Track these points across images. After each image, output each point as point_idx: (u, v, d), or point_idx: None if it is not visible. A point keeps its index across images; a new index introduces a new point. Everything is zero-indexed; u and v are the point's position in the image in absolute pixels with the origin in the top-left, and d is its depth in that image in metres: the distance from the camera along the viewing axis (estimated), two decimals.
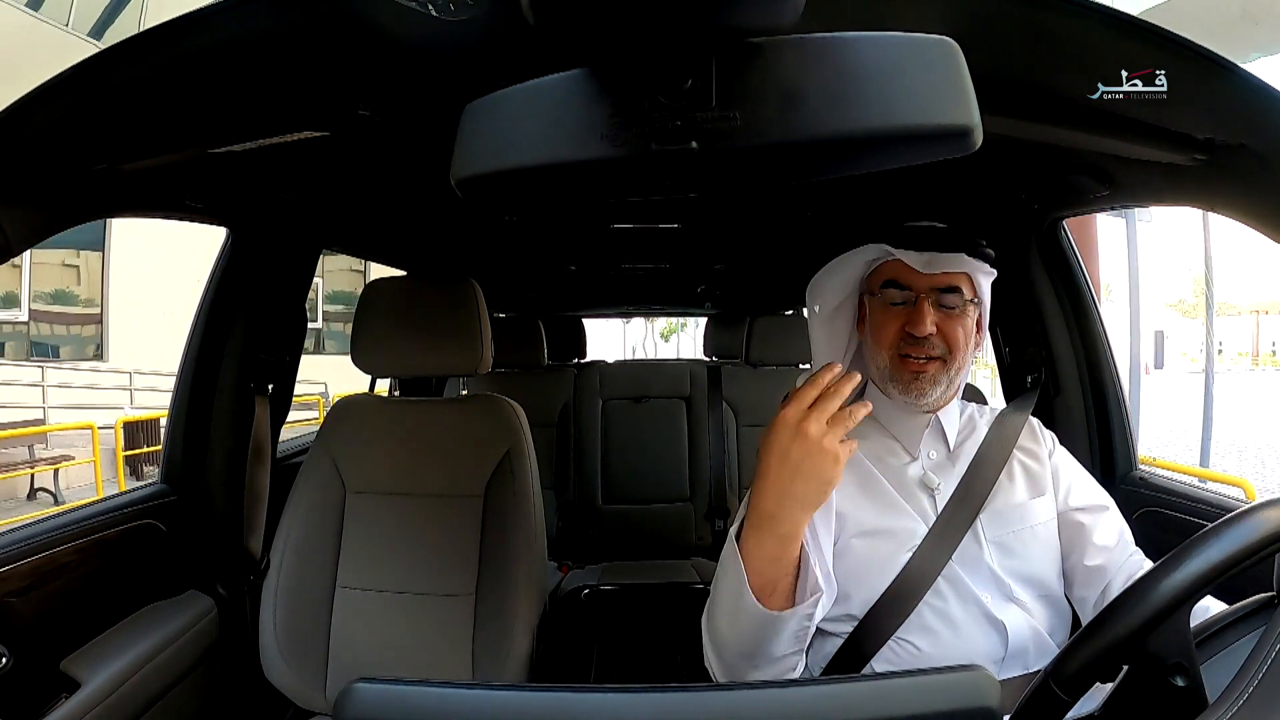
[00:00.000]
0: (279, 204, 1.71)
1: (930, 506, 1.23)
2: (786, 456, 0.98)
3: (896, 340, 1.22)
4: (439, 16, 0.77)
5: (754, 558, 1.01)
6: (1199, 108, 0.90)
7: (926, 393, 1.22)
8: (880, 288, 1.24)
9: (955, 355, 1.22)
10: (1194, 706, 0.70)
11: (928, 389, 1.22)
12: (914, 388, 1.22)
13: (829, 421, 0.97)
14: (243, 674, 1.71)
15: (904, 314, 1.22)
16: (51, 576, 1.37)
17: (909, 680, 0.66)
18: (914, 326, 1.19)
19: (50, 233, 1.11)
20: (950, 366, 1.22)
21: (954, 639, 1.15)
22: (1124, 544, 1.23)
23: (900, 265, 1.23)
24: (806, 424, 0.97)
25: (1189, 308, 44.89)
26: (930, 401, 1.24)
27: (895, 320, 1.22)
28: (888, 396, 1.26)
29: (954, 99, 0.61)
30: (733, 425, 3.46)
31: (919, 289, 1.22)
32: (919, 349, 1.21)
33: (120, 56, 0.87)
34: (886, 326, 1.23)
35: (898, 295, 1.23)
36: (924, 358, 1.21)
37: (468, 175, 0.69)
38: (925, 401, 1.23)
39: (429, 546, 1.75)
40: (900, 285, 1.23)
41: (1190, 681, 0.71)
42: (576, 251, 2.86)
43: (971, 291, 1.23)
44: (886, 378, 1.24)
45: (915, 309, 1.21)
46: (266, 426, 1.89)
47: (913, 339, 1.20)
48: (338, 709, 0.62)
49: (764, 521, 1.00)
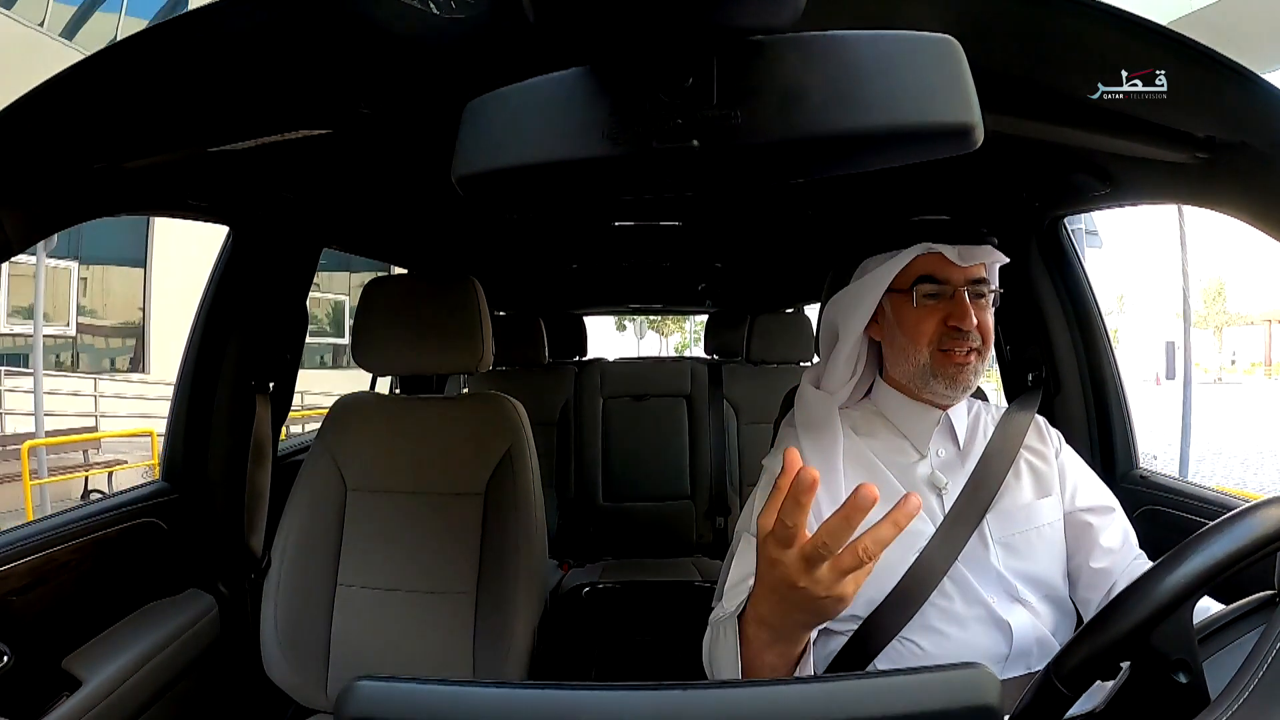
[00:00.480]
0: (280, 202, 1.71)
1: (938, 506, 1.22)
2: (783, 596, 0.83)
3: (937, 335, 1.22)
4: (440, 14, 0.77)
5: (754, 643, 0.93)
6: (1199, 106, 0.90)
7: (970, 383, 1.23)
8: (913, 284, 1.24)
9: (988, 344, 1.23)
10: (1196, 703, 0.70)
11: (971, 379, 1.23)
12: (960, 380, 1.22)
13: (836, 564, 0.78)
14: (244, 672, 1.71)
15: (942, 308, 1.22)
16: (53, 575, 1.37)
17: (910, 678, 0.66)
18: (960, 320, 1.20)
19: (50, 232, 1.11)
20: (985, 356, 1.24)
21: (958, 639, 1.15)
22: (1129, 546, 1.24)
23: (936, 259, 1.23)
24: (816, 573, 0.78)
25: (1199, 318, 44.54)
26: (968, 391, 1.25)
27: (934, 315, 1.23)
28: (924, 393, 1.27)
29: (955, 97, 0.61)
30: (733, 423, 3.45)
31: (956, 282, 1.22)
32: (962, 342, 1.21)
33: (121, 54, 0.87)
34: (925, 322, 1.23)
35: (934, 289, 1.23)
36: (966, 349, 1.22)
37: (469, 173, 0.69)
38: (966, 393, 1.25)
39: (430, 544, 1.75)
40: (937, 279, 1.23)
41: (1193, 678, 0.71)
42: (577, 249, 2.86)
43: (993, 281, 1.25)
44: (928, 374, 1.24)
45: (955, 302, 1.21)
46: (267, 424, 1.88)
47: (957, 332, 1.21)
48: (338, 707, 0.62)
49: (764, 629, 0.90)
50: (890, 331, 1.28)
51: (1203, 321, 43.41)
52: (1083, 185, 1.38)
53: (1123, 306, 50.43)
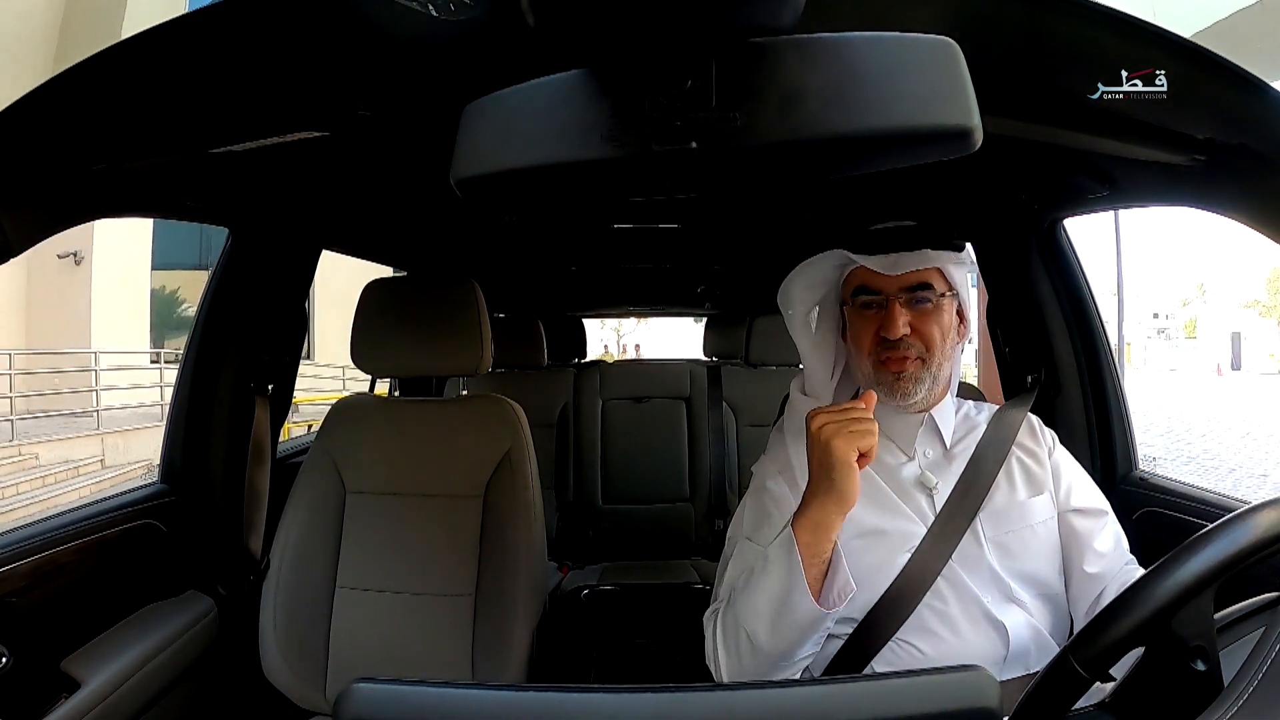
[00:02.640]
0: (279, 204, 1.71)
1: (929, 507, 1.23)
2: (811, 457, 1.10)
3: (874, 345, 1.23)
4: (439, 16, 0.77)
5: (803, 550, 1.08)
6: (1199, 108, 0.91)
7: (911, 393, 1.23)
8: (852, 295, 1.26)
9: (933, 352, 1.23)
10: (1210, 691, 0.69)
11: (911, 389, 1.23)
12: (897, 389, 1.23)
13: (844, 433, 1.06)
14: (243, 674, 1.71)
15: (877, 318, 1.23)
16: (52, 576, 1.37)
17: (909, 680, 0.66)
18: (886, 330, 1.21)
19: (51, 232, 1.10)
20: (930, 364, 1.23)
21: (955, 640, 1.15)
22: (1120, 552, 1.24)
23: (866, 270, 1.24)
24: (824, 430, 1.07)
25: (1265, 308, 44.24)
26: (918, 401, 1.25)
27: (870, 325, 1.24)
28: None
29: (954, 99, 0.61)
30: (733, 425, 3.45)
31: (888, 291, 1.23)
32: (895, 351, 1.22)
33: (120, 56, 0.87)
34: (863, 332, 1.25)
35: (869, 300, 1.24)
36: (901, 357, 1.22)
37: (468, 175, 0.69)
38: (911, 402, 1.24)
39: (429, 547, 1.74)
40: (870, 290, 1.24)
41: (1210, 666, 0.71)
42: (577, 251, 2.86)
43: (945, 285, 1.25)
44: (871, 383, 1.25)
45: (886, 311, 1.22)
46: (266, 426, 1.88)
47: (888, 342, 1.22)
48: (337, 709, 0.62)
49: (806, 528, 1.08)
50: (849, 342, 1.30)
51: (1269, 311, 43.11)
52: (1082, 187, 1.38)
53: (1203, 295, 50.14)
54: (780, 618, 1.08)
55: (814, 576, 1.07)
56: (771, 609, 1.09)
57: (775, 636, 1.09)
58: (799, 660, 1.13)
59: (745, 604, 1.13)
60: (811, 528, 1.07)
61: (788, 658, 1.11)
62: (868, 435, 1.06)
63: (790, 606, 1.07)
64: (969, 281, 1.30)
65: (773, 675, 1.11)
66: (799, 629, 1.08)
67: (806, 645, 1.11)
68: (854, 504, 1.06)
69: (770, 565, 1.11)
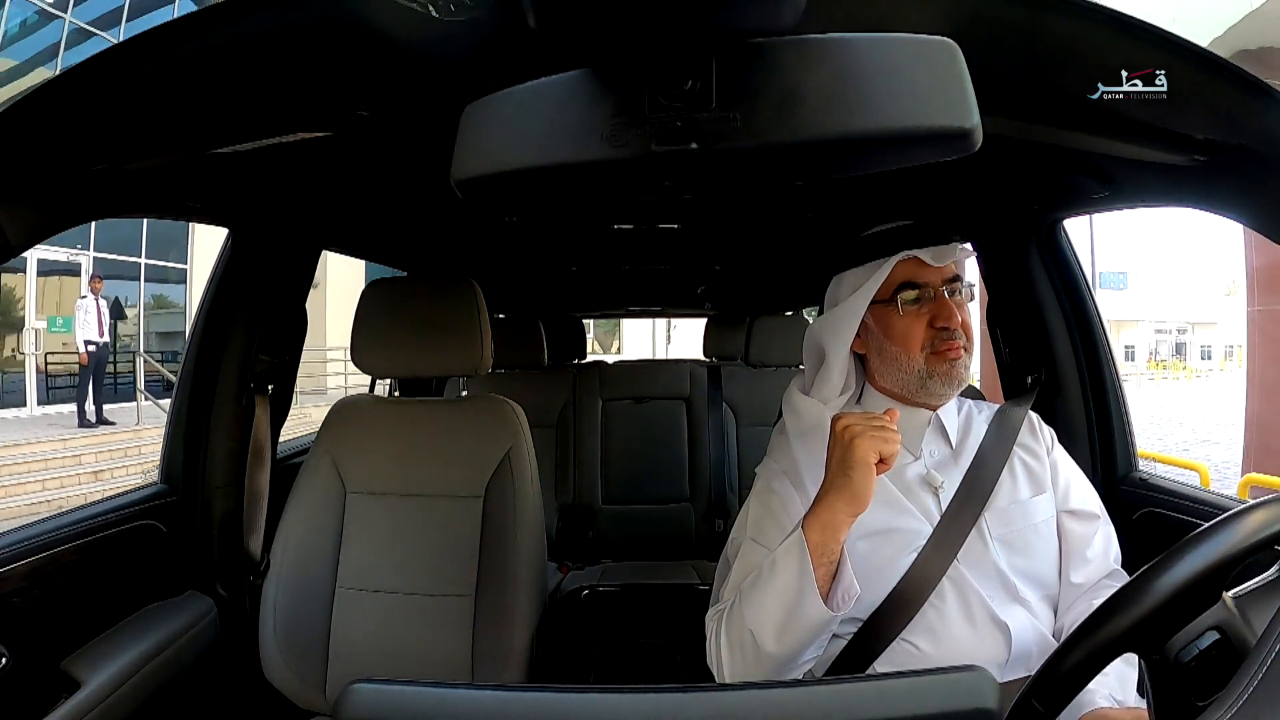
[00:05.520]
0: (279, 204, 1.71)
1: (934, 505, 1.23)
2: (831, 455, 1.11)
3: (928, 338, 1.24)
4: (439, 17, 0.77)
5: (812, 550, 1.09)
6: (1199, 108, 0.91)
7: (965, 379, 1.25)
8: (895, 293, 1.25)
9: (972, 340, 1.25)
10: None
11: (964, 375, 1.25)
12: (954, 376, 1.24)
13: (868, 435, 1.07)
14: (243, 675, 1.71)
15: (926, 311, 1.24)
16: (52, 577, 1.37)
17: (909, 681, 0.66)
18: (947, 319, 1.23)
19: (50, 233, 1.10)
20: (969, 351, 1.25)
21: (958, 641, 1.15)
22: (1105, 564, 1.25)
23: (912, 265, 1.24)
24: (849, 430, 1.09)
25: None
26: (962, 385, 1.26)
27: (920, 319, 1.24)
28: (919, 396, 1.27)
29: (954, 100, 0.61)
30: (733, 426, 3.45)
31: (935, 284, 1.24)
32: (953, 340, 1.23)
33: (121, 57, 0.87)
34: (913, 328, 1.24)
35: (915, 294, 1.24)
36: (957, 346, 1.23)
37: (468, 176, 0.69)
38: (960, 388, 1.26)
39: (429, 547, 1.74)
40: (917, 284, 1.24)
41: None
42: (577, 252, 2.85)
43: (966, 276, 1.28)
44: (924, 377, 1.24)
45: (938, 303, 1.24)
46: (266, 427, 1.88)
47: (946, 331, 1.23)
48: (337, 709, 0.63)
49: (816, 528, 1.09)
50: (877, 343, 1.29)
51: None
52: (1083, 187, 1.38)
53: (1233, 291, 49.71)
54: (789, 619, 1.08)
55: (822, 577, 1.07)
56: (780, 610, 1.09)
57: (782, 638, 1.09)
58: (802, 663, 1.13)
59: (752, 605, 1.13)
60: (821, 528, 1.07)
61: (792, 660, 1.11)
62: (890, 442, 1.07)
63: (799, 608, 1.07)
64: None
65: (776, 677, 1.11)
66: (807, 630, 1.08)
67: (811, 648, 1.11)
68: (866, 506, 1.07)
69: (779, 566, 1.11)
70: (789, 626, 1.08)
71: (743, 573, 1.22)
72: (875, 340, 1.29)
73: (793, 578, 1.08)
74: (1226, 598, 0.74)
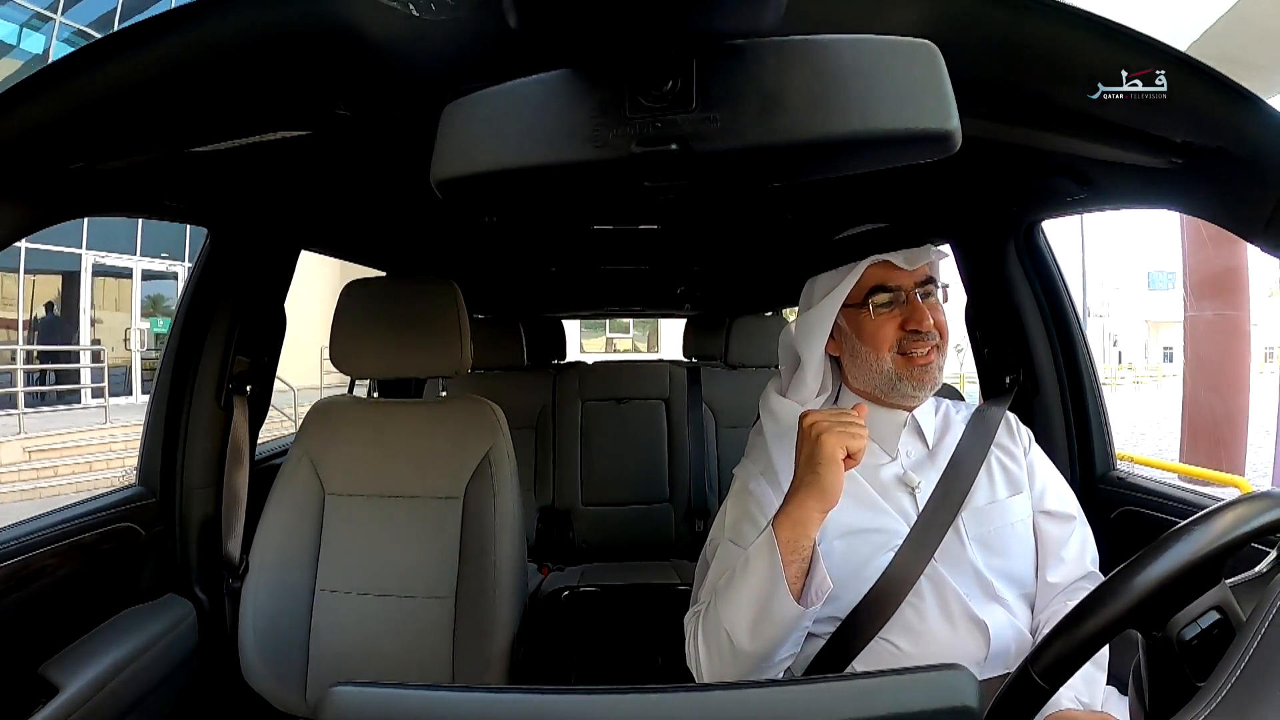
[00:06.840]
0: (258, 204, 1.70)
1: (911, 505, 1.23)
2: (800, 453, 1.12)
3: (896, 340, 1.25)
4: (420, 16, 0.77)
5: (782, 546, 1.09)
6: (1177, 111, 0.91)
7: (936, 380, 1.26)
8: (867, 296, 1.26)
9: (945, 340, 1.27)
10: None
11: (936, 376, 1.26)
12: (925, 379, 1.25)
13: (835, 431, 1.09)
14: (222, 678, 1.70)
15: (897, 314, 1.25)
16: (29, 580, 1.35)
17: (890, 679, 0.66)
18: (918, 323, 1.24)
19: (26, 233, 1.09)
20: (943, 351, 1.26)
21: (937, 639, 1.16)
22: (1081, 564, 1.26)
23: (884, 268, 1.26)
24: (816, 426, 1.10)
25: None
26: (934, 387, 1.28)
27: (891, 321, 1.25)
28: (891, 397, 1.28)
29: (933, 102, 0.61)
30: (712, 427, 3.45)
31: (907, 286, 1.25)
32: (923, 342, 1.24)
33: (97, 55, 0.86)
34: (883, 329, 1.26)
35: (887, 297, 1.26)
36: (927, 349, 1.24)
37: (448, 176, 0.69)
38: (932, 390, 1.27)
39: (408, 549, 1.74)
40: (888, 287, 1.25)
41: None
42: (557, 253, 2.85)
43: (939, 277, 1.29)
44: (893, 379, 1.26)
45: (910, 306, 1.25)
46: (245, 428, 1.87)
47: (916, 334, 1.24)
48: (318, 713, 0.62)
49: (786, 525, 1.09)
50: (850, 345, 1.30)
51: None
52: (1061, 189, 1.39)
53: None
54: (761, 616, 1.09)
55: (794, 575, 1.08)
56: (752, 608, 1.09)
57: (756, 636, 1.10)
58: (779, 661, 1.13)
59: (726, 604, 1.13)
60: (791, 525, 1.08)
61: (768, 658, 1.11)
62: (857, 437, 1.08)
63: (771, 605, 1.08)
64: None
65: (753, 676, 1.12)
66: (780, 627, 1.09)
67: (786, 645, 1.12)
68: (836, 502, 1.08)
69: (751, 564, 1.11)
70: (762, 623, 1.09)
71: (719, 572, 1.22)
72: (848, 342, 1.30)
73: (764, 575, 1.09)
74: (1226, 584, 0.75)
